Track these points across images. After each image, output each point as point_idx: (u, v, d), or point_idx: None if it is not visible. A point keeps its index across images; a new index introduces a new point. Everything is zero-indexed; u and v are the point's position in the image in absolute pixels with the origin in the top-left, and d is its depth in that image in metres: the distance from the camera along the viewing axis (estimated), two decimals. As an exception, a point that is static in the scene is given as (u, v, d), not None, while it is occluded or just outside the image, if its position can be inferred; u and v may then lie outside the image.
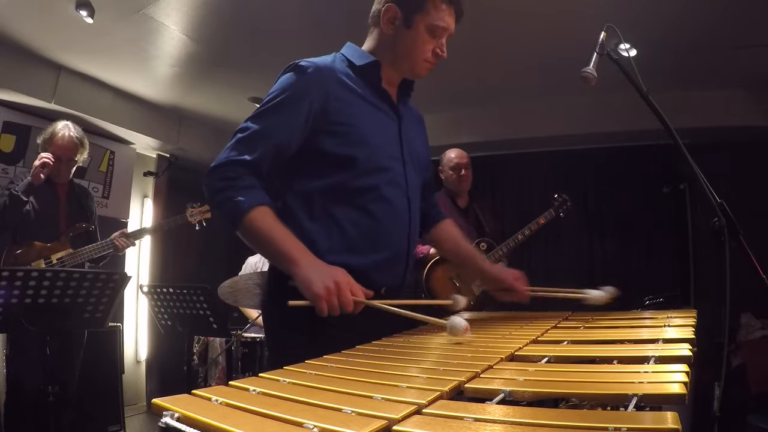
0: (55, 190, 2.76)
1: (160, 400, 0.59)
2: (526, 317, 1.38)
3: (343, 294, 1.09)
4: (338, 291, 1.09)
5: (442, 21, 1.29)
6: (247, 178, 1.19)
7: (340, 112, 1.26)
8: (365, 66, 1.33)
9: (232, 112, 4.60)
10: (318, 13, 2.99)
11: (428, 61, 1.34)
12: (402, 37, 1.31)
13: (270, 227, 1.17)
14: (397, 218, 1.33)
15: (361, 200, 1.27)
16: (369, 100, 1.33)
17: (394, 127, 1.38)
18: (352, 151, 1.26)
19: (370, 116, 1.32)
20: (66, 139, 2.71)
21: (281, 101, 1.24)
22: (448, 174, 3.17)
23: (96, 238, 2.90)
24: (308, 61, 1.28)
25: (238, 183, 1.18)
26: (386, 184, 1.30)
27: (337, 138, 1.25)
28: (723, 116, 3.83)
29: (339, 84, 1.28)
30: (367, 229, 1.27)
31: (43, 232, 2.68)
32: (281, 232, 1.17)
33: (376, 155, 1.29)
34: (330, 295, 1.08)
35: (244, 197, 1.16)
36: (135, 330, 4.73)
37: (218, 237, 5.58)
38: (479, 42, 3.15)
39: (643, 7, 2.79)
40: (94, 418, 3.28)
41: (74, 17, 2.94)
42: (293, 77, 1.26)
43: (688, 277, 4.10)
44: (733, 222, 1.25)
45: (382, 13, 1.32)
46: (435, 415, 0.55)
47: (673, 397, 0.59)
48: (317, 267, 1.13)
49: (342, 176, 1.26)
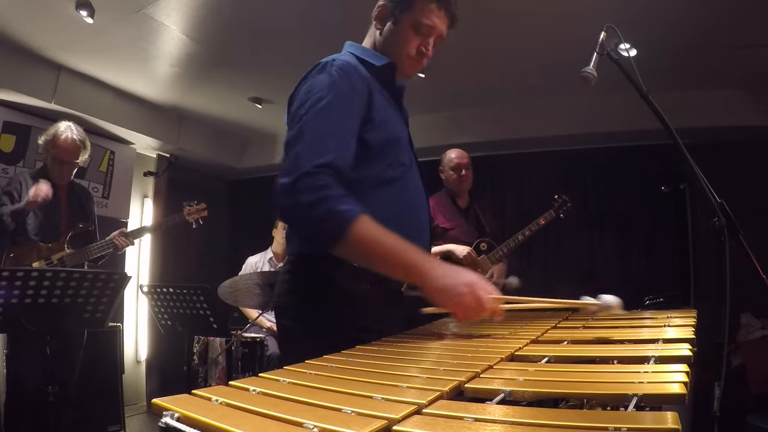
0: (56, 191, 2.76)
1: (160, 400, 0.58)
2: (526, 317, 1.38)
3: (481, 297, 1.05)
4: (474, 294, 1.05)
5: (428, 19, 1.30)
6: (337, 187, 1.10)
7: (378, 109, 1.27)
8: (383, 67, 1.35)
9: (232, 112, 4.61)
10: (318, 13, 2.99)
11: (412, 59, 1.35)
12: (389, 33, 1.34)
13: (383, 236, 1.09)
14: (420, 209, 1.37)
15: (391, 190, 1.28)
16: (389, 99, 1.36)
17: (405, 127, 1.42)
18: (384, 144, 1.27)
19: (394, 114, 1.35)
20: (69, 141, 2.72)
21: (334, 99, 1.18)
22: (449, 174, 3.17)
23: (95, 238, 2.91)
24: (342, 60, 1.26)
25: (331, 192, 1.08)
26: (409, 176, 1.33)
27: (372, 131, 1.24)
28: (723, 116, 3.83)
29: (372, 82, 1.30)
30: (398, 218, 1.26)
31: (43, 233, 2.68)
32: (396, 240, 1.09)
33: (401, 151, 1.31)
34: (467, 300, 1.05)
35: (345, 207, 1.07)
36: (135, 330, 4.74)
37: (218, 237, 5.59)
38: (479, 42, 3.15)
39: (643, 7, 2.79)
40: (94, 418, 3.28)
41: (74, 17, 2.94)
42: (335, 75, 1.22)
43: (688, 277, 4.09)
44: (733, 222, 1.26)
45: (376, 10, 1.36)
46: (435, 415, 0.55)
47: (673, 397, 0.59)
48: (446, 272, 1.08)
49: (375, 167, 1.25)
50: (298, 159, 1.12)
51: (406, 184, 1.31)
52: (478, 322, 1.32)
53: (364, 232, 1.07)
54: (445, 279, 1.06)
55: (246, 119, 4.72)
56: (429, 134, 4.16)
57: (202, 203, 3.26)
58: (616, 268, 4.30)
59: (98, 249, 2.80)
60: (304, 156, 1.11)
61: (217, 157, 5.15)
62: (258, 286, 2.91)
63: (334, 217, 1.06)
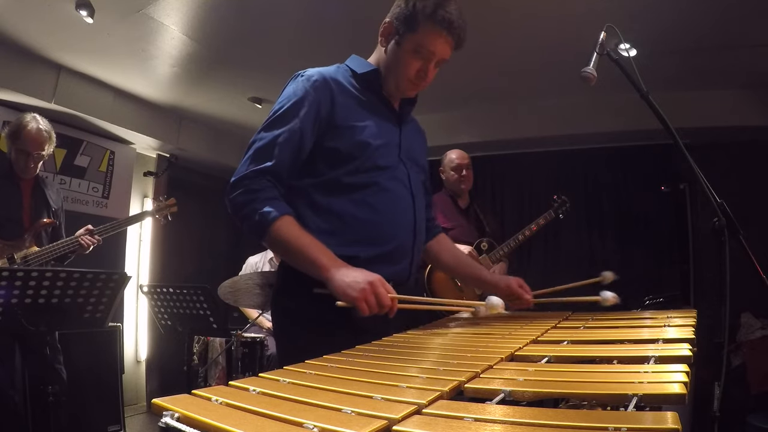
0: (18, 186, 2.65)
1: (160, 400, 0.59)
2: (526, 317, 1.38)
3: (380, 292, 1.14)
4: (374, 290, 1.13)
5: (430, 45, 1.31)
6: (269, 190, 1.24)
7: (343, 116, 1.31)
8: (366, 74, 1.38)
9: (232, 112, 4.61)
10: (318, 14, 2.99)
11: (411, 81, 1.36)
12: (392, 53, 1.36)
13: (297, 236, 1.21)
14: (401, 211, 1.37)
15: (361, 194, 1.31)
16: (370, 105, 1.37)
17: (395, 132, 1.42)
18: (351, 150, 1.30)
19: (371, 120, 1.35)
20: (35, 131, 2.59)
21: (291, 108, 1.28)
22: (450, 174, 3.17)
23: (61, 234, 2.77)
24: (314, 71, 1.34)
25: (261, 195, 1.22)
26: (387, 180, 1.34)
27: (338, 138, 1.30)
28: (723, 116, 3.83)
29: (343, 91, 1.34)
30: (369, 221, 1.30)
31: (4, 230, 2.53)
32: (308, 240, 1.21)
33: (375, 155, 1.32)
34: (367, 295, 1.13)
35: (268, 208, 1.21)
36: (135, 330, 4.73)
37: (218, 237, 5.59)
38: (479, 42, 3.14)
39: (643, 8, 2.79)
40: (94, 418, 3.28)
41: (74, 17, 2.94)
42: (300, 85, 1.31)
43: (688, 277, 4.10)
44: (733, 222, 1.26)
45: (382, 27, 1.37)
46: (435, 415, 0.55)
47: (673, 397, 0.59)
48: (349, 271, 1.17)
49: (341, 171, 1.30)
50: (244, 163, 1.27)
51: (383, 188, 1.33)
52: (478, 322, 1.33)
53: (281, 232, 1.21)
54: (348, 278, 1.15)
55: (246, 119, 4.72)
56: (429, 134, 4.11)
57: (171, 199, 3.17)
58: (615, 268, 4.26)
59: (62, 247, 2.63)
60: (249, 161, 1.27)
61: (217, 157, 5.15)
62: (258, 286, 2.91)
63: (258, 216, 1.21)
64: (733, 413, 3.12)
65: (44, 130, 2.63)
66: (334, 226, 1.29)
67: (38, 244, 2.63)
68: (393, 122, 1.42)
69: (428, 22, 1.28)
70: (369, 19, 1.41)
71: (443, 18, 1.28)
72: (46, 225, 2.69)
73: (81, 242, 2.67)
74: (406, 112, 1.47)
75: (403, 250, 1.36)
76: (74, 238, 2.68)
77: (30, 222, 2.65)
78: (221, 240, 5.60)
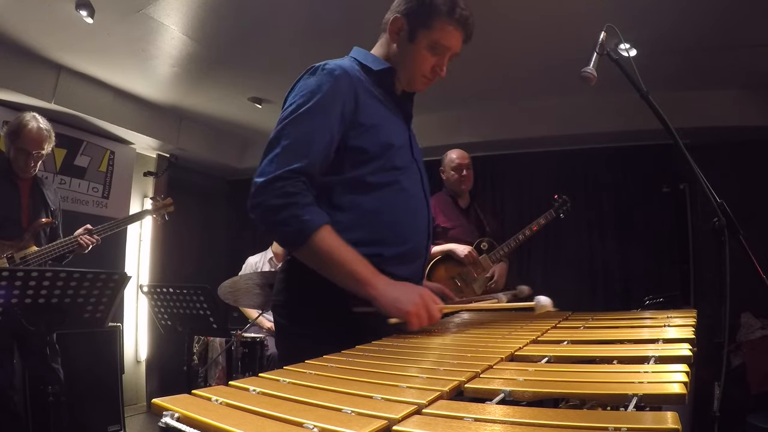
0: (16, 185, 2.65)
1: (160, 400, 0.58)
2: (526, 317, 1.38)
3: (431, 306, 1.14)
4: (425, 304, 1.13)
5: (445, 41, 1.30)
6: (307, 194, 1.15)
7: (367, 114, 1.27)
8: (381, 72, 1.35)
9: (232, 112, 4.61)
10: (318, 13, 2.99)
11: (426, 77, 1.35)
12: (404, 49, 1.33)
13: (339, 248, 1.14)
14: (418, 211, 1.36)
15: (383, 193, 1.28)
16: (386, 104, 1.35)
17: (406, 130, 1.41)
18: (377, 150, 1.27)
19: (389, 119, 1.34)
20: (35, 131, 2.59)
21: (318, 103, 1.21)
22: (450, 174, 3.17)
23: (58, 234, 2.78)
24: (334, 64, 1.27)
25: (300, 199, 1.13)
26: (406, 179, 1.33)
27: (363, 137, 1.26)
28: (723, 116, 3.83)
29: (363, 87, 1.30)
30: (391, 221, 1.28)
31: (3, 230, 2.54)
32: (349, 253, 1.15)
33: (395, 156, 1.31)
34: (420, 309, 1.12)
35: (309, 216, 1.13)
36: (135, 330, 4.74)
37: (218, 237, 5.60)
38: (480, 42, 3.14)
39: (644, 7, 2.79)
40: (94, 418, 3.28)
41: (74, 17, 2.94)
42: (322, 80, 1.24)
43: (688, 277, 4.10)
44: (733, 222, 1.25)
45: (390, 22, 1.34)
46: (435, 415, 0.55)
47: (673, 397, 0.59)
48: (396, 285, 1.14)
49: (365, 170, 1.26)
50: (273, 162, 1.17)
51: (402, 187, 1.31)
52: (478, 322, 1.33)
53: (322, 242, 1.13)
54: (396, 292, 1.13)
55: (246, 119, 4.72)
56: (429, 134, 4.16)
57: (168, 198, 3.18)
58: (616, 268, 4.30)
59: (61, 247, 2.64)
60: (279, 160, 1.16)
61: (217, 157, 5.15)
62: (258, 286, 2.91)
63: (298, 223, 1.12)
64: (733, 413, 3.12)
65: (44, 129, 2.64)
66: (357, 225, 1.25)
67: (37, 243, 2.63)
68: (403, 120, 1.40)
69: (444, 19, 1.27)
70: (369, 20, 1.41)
71: (460, 15, 1.28)
72: (44, 224, 2.69)
73: (80, 242, 2.68)
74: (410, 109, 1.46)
75: (418, 250, 1.35)
76: (73, 238, 2.68)
77: (29, 221, 2.65)
78: (221, 240, 5.61)
